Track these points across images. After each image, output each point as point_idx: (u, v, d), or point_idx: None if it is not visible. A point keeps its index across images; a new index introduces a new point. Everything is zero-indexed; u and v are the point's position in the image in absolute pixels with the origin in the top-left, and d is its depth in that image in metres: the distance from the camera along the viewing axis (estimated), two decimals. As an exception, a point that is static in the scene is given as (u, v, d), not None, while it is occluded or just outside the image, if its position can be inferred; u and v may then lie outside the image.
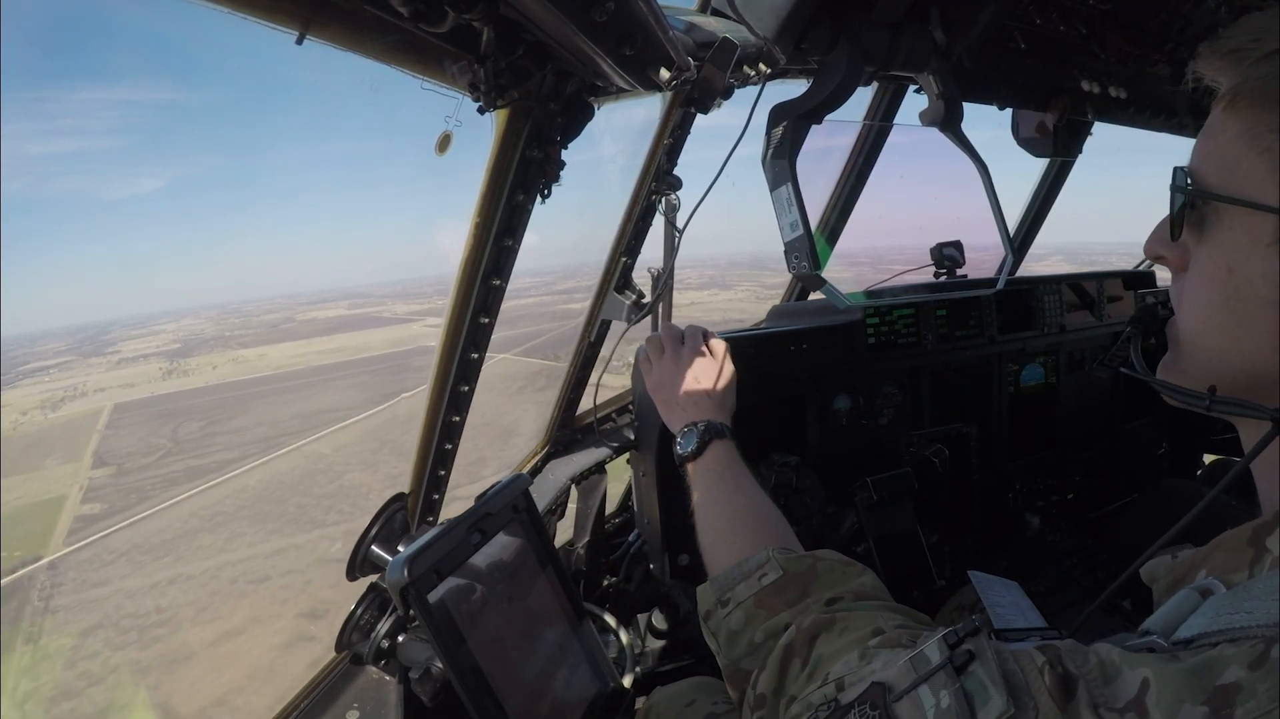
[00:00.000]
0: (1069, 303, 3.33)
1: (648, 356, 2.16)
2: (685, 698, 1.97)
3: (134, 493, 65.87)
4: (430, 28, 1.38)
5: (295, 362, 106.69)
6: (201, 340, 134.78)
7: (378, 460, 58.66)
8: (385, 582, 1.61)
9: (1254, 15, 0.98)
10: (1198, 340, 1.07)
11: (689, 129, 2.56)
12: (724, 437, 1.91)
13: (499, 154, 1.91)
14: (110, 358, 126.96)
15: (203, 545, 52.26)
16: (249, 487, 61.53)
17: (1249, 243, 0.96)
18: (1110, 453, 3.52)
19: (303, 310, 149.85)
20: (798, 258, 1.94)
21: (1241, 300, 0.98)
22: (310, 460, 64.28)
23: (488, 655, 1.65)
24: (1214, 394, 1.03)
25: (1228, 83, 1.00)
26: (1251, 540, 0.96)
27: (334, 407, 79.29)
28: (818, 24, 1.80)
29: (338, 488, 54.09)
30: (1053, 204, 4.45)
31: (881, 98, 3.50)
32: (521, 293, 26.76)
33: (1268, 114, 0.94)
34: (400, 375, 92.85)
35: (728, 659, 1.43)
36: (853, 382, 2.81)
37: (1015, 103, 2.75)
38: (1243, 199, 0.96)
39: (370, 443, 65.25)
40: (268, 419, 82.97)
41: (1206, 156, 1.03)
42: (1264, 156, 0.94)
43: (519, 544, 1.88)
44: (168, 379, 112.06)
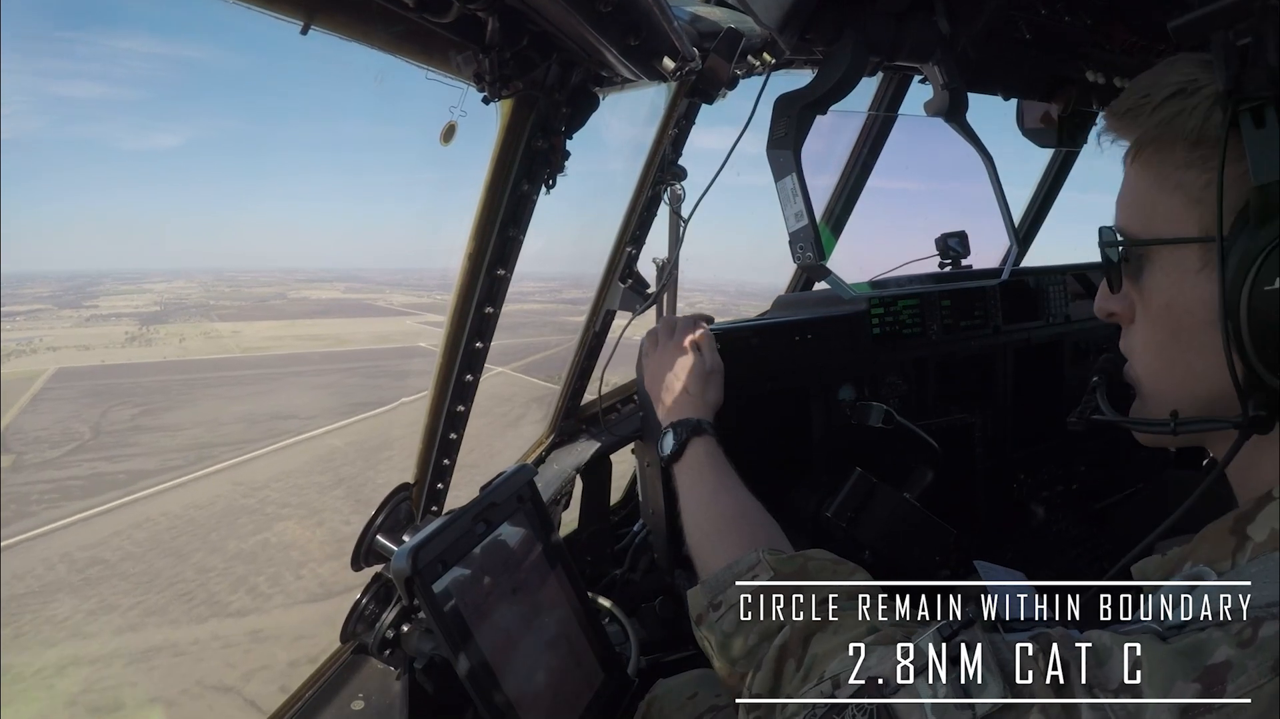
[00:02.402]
0: (1074, 293, 3.32)
1: (652, 345, 2.17)
2: (687, 690, 1.98)
3: (12, 503, 46.34)
4: (435, 18, 1.39)
5: (268, 345, 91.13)
6: (182, 306, 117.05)
7: (324, 505, 40.76)
8: (390, 572, 1.61)
9: (1141, 76, 1.12)
10: (1154, 381, 1.18)
11: (694, 119, 2.56)
12: (703, 433, 1.91)
13: (504, 144, 1.91)
14: (84, 312, 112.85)
15: (53, 617, 31.52)
16: (150, 519, 41.11)
17: (1180, 275, 1.06)
18: (1115, 443, 3.52)
19: (296, 288, 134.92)
20: (802, 248, 1.93)
21: (1185, 330, 1.08)
22: (239, 491, 44.66)
23: (492, 645, 1.66)
24: (1176, 418, 1.11)
25: (1130, 138, 1.13)
26: (1234, 530, 1.01)
27: (292, 412, 60.83)
28: (823, 14, 1.80)
29: (259, 544, 36.75)
30: (1057, 195, 4.45)
31: (886, 88, 3.50)
32: (524, 297, 26.27)
33: (1169, 155, 1.06)
34: (378, 380, 72.32)
35: (722, 662, 1.43)
36: (857, 372, 2.81)
37: (1020, 93, 2.74)
38: (1166, 238, 1.07)
39: (321, 474, 45.68)
40: (209, 418, 64.25)
41: (1126, 209, 1.15)
42: (1176, 193, 1.06)
43: (524, 534, 1.89)
44: (127, 347, 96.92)
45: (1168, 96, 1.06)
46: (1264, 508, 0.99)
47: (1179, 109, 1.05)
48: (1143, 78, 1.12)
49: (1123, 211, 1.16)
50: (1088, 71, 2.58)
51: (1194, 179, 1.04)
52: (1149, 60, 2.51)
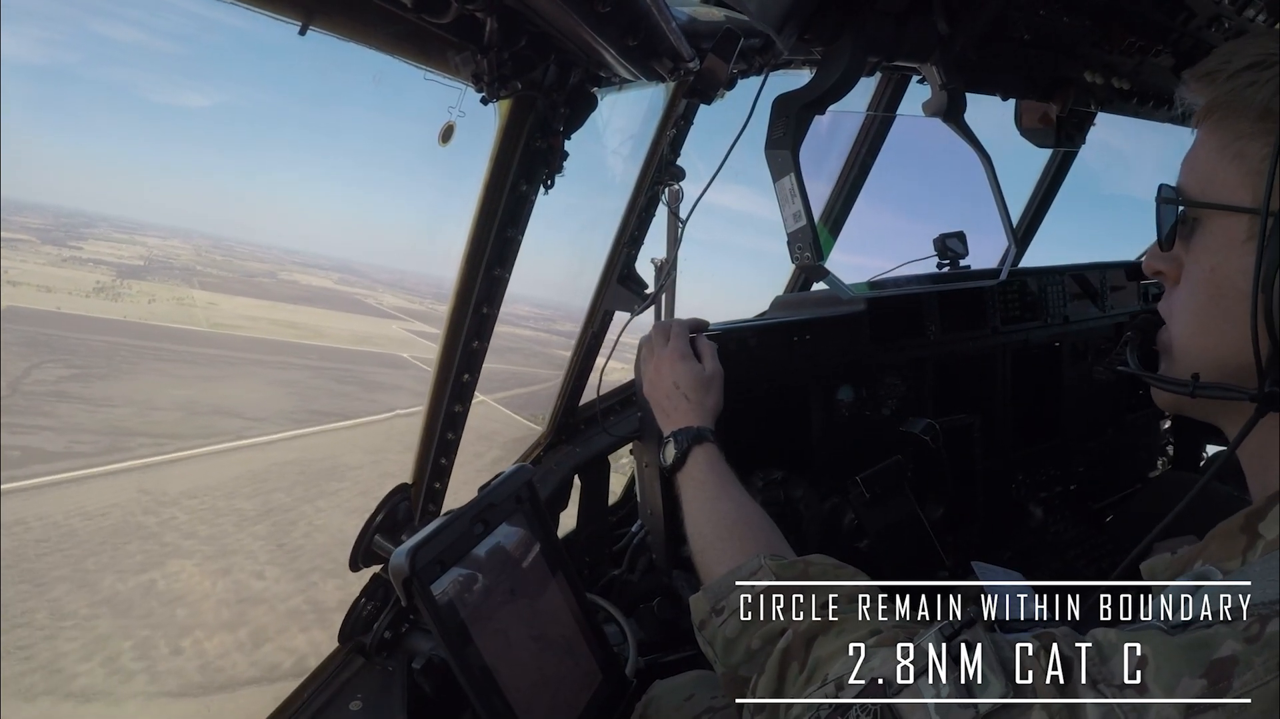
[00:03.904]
0: (1072, 293, 3.33)
1: (649, 351, 2.16)
2: (684, 692, 1.98)
3: None
4: (434, 18, 1.39)
5: (240, 324, 68.43)
6: (168, 266, 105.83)
7: (238, 545, 29.44)
8: (388, 573, 1.61)
9: (1228, 43, 1.12)
10: (1186, 342, 1.17)
11: (692, 119, 2.56)
12: (703, 441, 1.91)
13: (502, 144, 1.92)
14: (66, 251, 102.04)
15: None
16: (21, 522, 29.73)
17: (1228, 243, 1.07)
18: (1114, 444, 3.52)
19: (289, 270, 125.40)
20: (801, 248, 1.94)
21: (1224, 297, 1.08)
22: (143, 502, 32.35)
23: (491, 646, 1.66)
24: (1197, 380, 1.11)
25: (1203, 101, 1.12)
26: (1244, 528, 1.01)
27: (239, 408, 48.15)
28: (821, 14, 1.80)
29: (142, 588, 27.20)
30: (1055, 195, 4.45)
31: (885, 88, 3.50)
32: (519, 320, 25.33)
33: (1237, 123, 1.06)
34: (346, 387, 59.23)
35: (725, 667, 1.44)
36: (856, 373, 2.81)
37: (1018, 93, 2.74)
38: (1218, 203, 1.07)
39: (249, 497, 33.64)
40: (144, 398, 50.34)
41: (1188, 170, 1.15)
42: (1235, 162, 1.06)
43: (522, 535, 1.89)
44: (91, 297, 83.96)
45: (1245, 66, 1.07)
46: (1276, 505, 0.99)
47: (1253, 80, 1.05)
48: (1229, 44, 1.13)
49: (1185, 172, 1.16)
50: (1086, 71, 2.58)
51: (1256, 150, 1.04)
52: (1147, 60, 2.52)
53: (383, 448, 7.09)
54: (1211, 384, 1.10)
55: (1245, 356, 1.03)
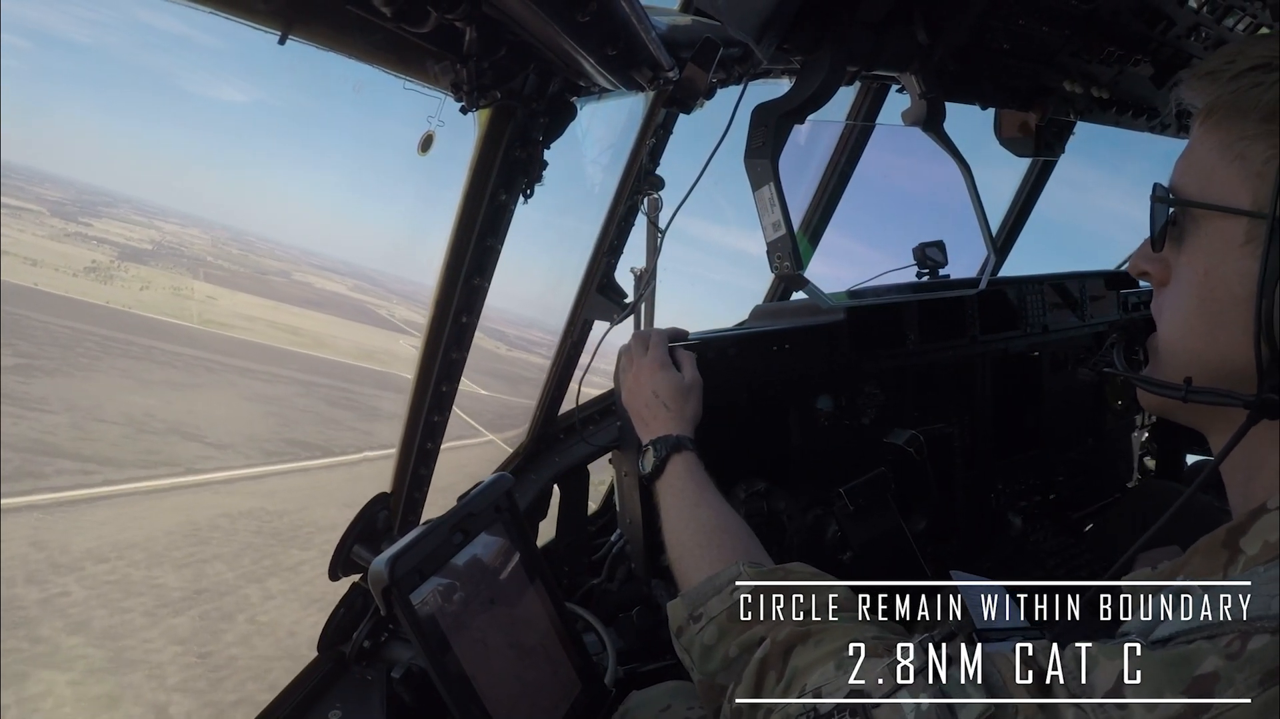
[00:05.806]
0: (1051, 303, 3.34)
1: (629, 360, 2.17)
2: (661, 702, 1.97)
3: None
4: (412, 27, 1.38)
5: (235, 325, 64.10)
6: (177, 253, 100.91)
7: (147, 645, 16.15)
8: (367, 582, 1.60)
9: (1228, 45, 1.14)
10: (1176, 345, 1.15)
11: (671, 129, 2.57)
12: (682, 449, 1.91)
13: (481, 154, 1.92)
14: (74, 227, 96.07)
15: None
16: None
17: (1224, 245, 1.05)
18: (1094, 453, 3.54)
19: (305, 272, 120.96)
20: (780, 257, 1.94)
21: (1217, 301, 1.06)
22: (34, 563, 18.77)
23: (470, 655, 1.65)
24: (1190, 385, 1.10)
25: (1204, 101, 1.11)
26: (1226, 543, 1.01)
27: (199, 429, 33.94)
28: (800, 24, 1.81)
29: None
30: (1035, 204, 4.48)
31: (864, 98, 3.51)
32: (531, 345, 23.60)
33: (1238, 125, 1.04)
34: (336, 412, 42.52)
35: (702, 674, 1.44)
36: (835, 382, 2.81)
37: (998, 103, 2.76)
38: (1217, 204, 1.05)
39: (180, 565, 19.95)
40: (90, 405, 33.56)
41: (1185, 170, 1.13)
42: (1236, 164, 1.04)
43: (502, 544, 1.88)
44: (80, 277, 71.54)
45: (1250, 67, 1.06)
46: (1258, 520, 0.99)
47: (1258, 81, 1.05)
48: (1232, 45, 1.13)
49: (1180, 171, 1.15)
50: (1065, 81, 2.60)
51: (1258, 152, 1.03)
52: (1126, 69, 2.54)
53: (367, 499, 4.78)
54: (1205, 389, 1.09)
55: (1235, 362, 1.04)
